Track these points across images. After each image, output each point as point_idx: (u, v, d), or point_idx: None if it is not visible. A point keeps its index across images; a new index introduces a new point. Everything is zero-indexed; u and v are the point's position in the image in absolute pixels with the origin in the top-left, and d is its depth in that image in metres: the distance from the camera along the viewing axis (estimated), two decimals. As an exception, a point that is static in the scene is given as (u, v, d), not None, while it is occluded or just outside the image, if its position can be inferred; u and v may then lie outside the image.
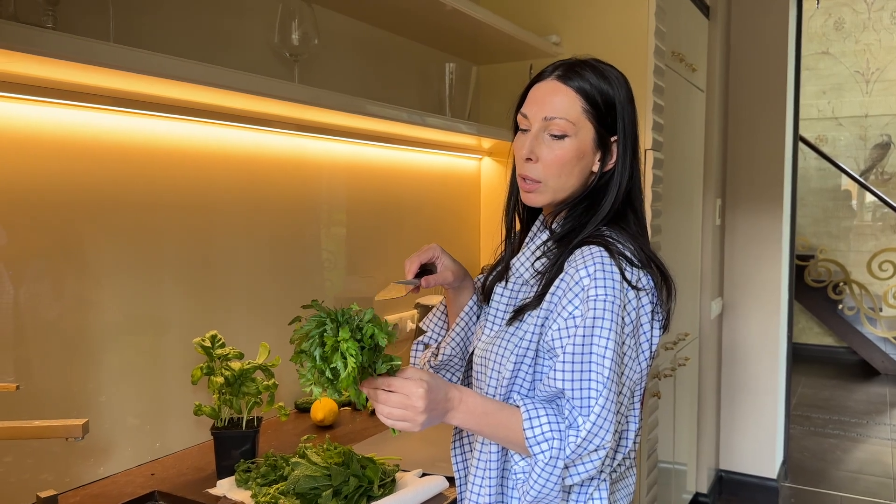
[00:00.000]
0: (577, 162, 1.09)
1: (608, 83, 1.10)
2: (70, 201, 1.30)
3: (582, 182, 1.11)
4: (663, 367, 2.61)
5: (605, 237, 1.07)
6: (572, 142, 1.08)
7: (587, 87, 1.08)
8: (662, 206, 2.43)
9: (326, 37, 1.83)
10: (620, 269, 1.02)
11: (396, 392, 0.94)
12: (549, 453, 0.97)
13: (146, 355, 1.46)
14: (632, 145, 1.12)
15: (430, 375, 0.97)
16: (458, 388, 1.01)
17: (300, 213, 1.84)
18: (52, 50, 0.98)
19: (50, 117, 1.27)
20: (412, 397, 0.93)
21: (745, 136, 3.44)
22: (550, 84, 1.10)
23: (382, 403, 0.95)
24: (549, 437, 0.97)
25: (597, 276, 1.00)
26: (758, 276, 3.44)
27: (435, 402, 0.96)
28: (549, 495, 1.00)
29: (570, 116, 1.08)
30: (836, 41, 6.76)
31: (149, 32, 1.41)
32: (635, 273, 1.04)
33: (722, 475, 3.55)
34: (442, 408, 0.98)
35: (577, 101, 1.08)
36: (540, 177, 1.10)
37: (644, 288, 1.05)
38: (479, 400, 1.02)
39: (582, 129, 1.08)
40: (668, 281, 1.11)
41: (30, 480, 1.25)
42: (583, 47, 2.32)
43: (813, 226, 6.87)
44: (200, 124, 1.55)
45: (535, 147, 1.09)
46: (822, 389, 5.66)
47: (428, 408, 0.94)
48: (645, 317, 1.05)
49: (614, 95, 1.10)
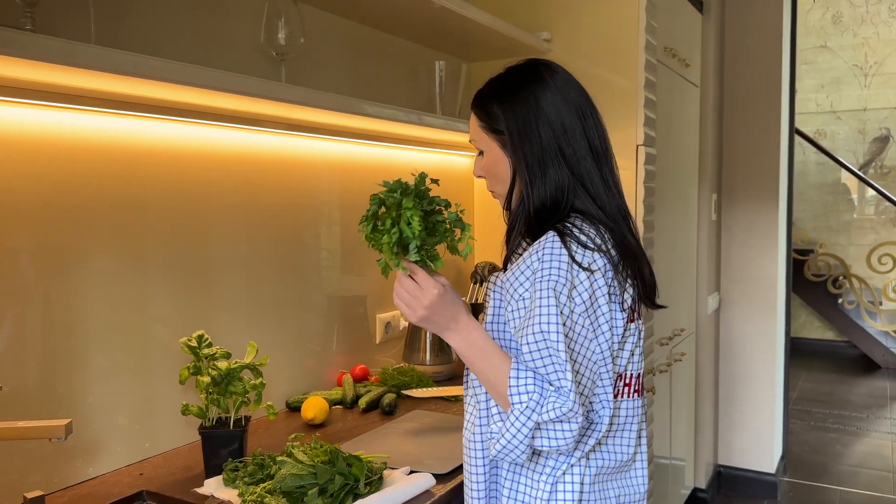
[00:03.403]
0: (496, 169, 1.22)
1: (497, 92, 1.21)
2: (56, 202, 1.31)
3: (509, 182, 1.21)
4: (658, 362, 2.60)
5: (565, 223, 1.13)
6: (488, 154, 1.23)
7: (479, 107, 1.23)
8: (656, 202, 2.43)
9: (313, 35, 1.83)
10: (569, 250, 1.07)
11: (416, 280, 1.08)
12: (525, 405, 1.02)
13: (134, 355, 1.46)
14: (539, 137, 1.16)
15: (451, 289, 1.10)
16: (469, 317, 1.12)
17: (291, 212, 1.84)
18: (31, 52, 0.98)
19: (34, 119, 1.27)
20: (423, 292, 1.08)
21: (741, 130, 3.43)
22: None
23: (399, 283, 1.10)
24: (531, 390, 1.02)
25: (544, 258, 1.07)
26: (755, 270, 3.43)
27: (440, 308, 1.08)
28: (516, 450, 1.04)
29: (475, 135, 1.25)
30: (835, 35, 6.74)
31: (132, 33, 1.41)
32: (588, 255, 1.09)
33: (720, 470, 3.55)
34: (444, 321, 1.10)
35: (475, 121, 1.24)
36: (489, 187, 1.27)
37: (599, 269, 1.09)
38: (482, 336, 1.11)
39: (487, 143, 1.22)
40: (630, 262, 1.15)
41: (17, 481, 1.25)
42: (573, 44, 2.32)
43: (812, 220, 6.85)
44: (188, 124, 1.55)
45: (476, 167, 1.28)
46: (823, 384, 5.66)
47: (430, 308, 1.08)
48: (602, 298, 1.09)
49: (499, 103, 1.19)
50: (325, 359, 1.97)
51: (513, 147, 1.18)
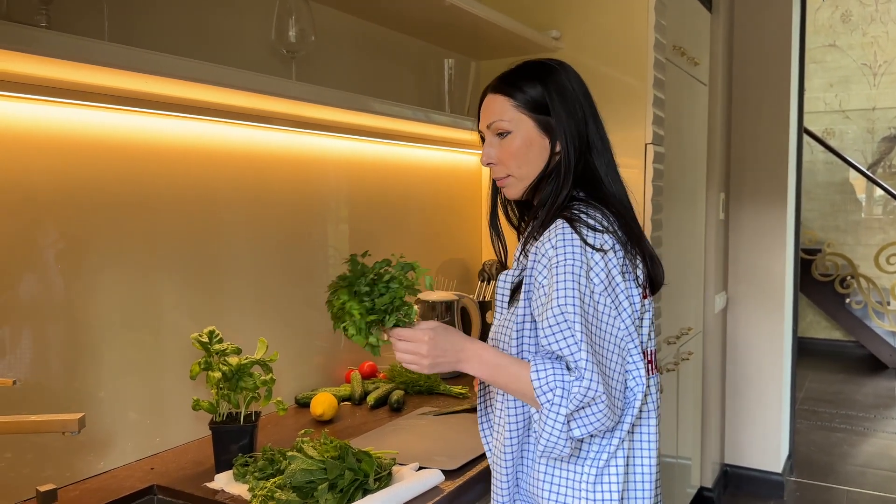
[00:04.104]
0: (527, 150, 1.23)
1: (531, 76, 1.23)
2: (69, 199, 1.32)
3: (542, 164, 1.24)
4: (665, 361, 2.60)
5: (571, 209, 1.17)
6: (516, 135, 1.23)
7: (511, 87, 1.23)
8: (664, 201, 2.43)
9: (323, 33, 1.83)
10: (581, 235, 1.11)
11: (406, 340, 1.12)
12: (551, 401, 1.06)
13: (146, 351, 1.47)
14: (576, 121, 1.22)
15: (440, 328, 1.13)
16: (471, 342, 1.15)
17: (301, 208, 1.85)
18: (46, 49, 0.99)
19: (48, 116, 1.28)
20: (418, 345, 1.11)
21: (749, 129, 3.43)
22: (486, 98, 1.27)
23: (395, 349, 1.14)
24: (553, 385, 1.06)
25: (558, 245, 1.11)
26: (762, 270, 3.43)
27: (441, 350, 1.12)
28: (558, 444, 1.08)
29: (505, 116, 1.23)
30: (844, 34, 6.71)
31: (144, 30, 1.42)
32: (599, 237, 1.13)
33: (727, 469, 3.54)
34: (452, 356, 1.13)
35: (507, 101, 1.23)
36: (504, 171, 1.26)
37: (611, 248, 1.13)
38: (493, 353, 1.14)
39: (521, 123, 1.22)
40: (637, 244, 1.20)
41: (30, 475, 1.26)
42: (582, 42, 2.32)
43: (820, 220, 6.83)
44: (198, 122, 1.56)
45: (490, 152, 1.26)
46: (830, 384, 5.64)
47: (432, 354, 1.11)
48: (618, 276, 1.14)
49: (541, 84, 1.22)
50: (334, 356, 1.98)
51: (560, 125, 1.21)
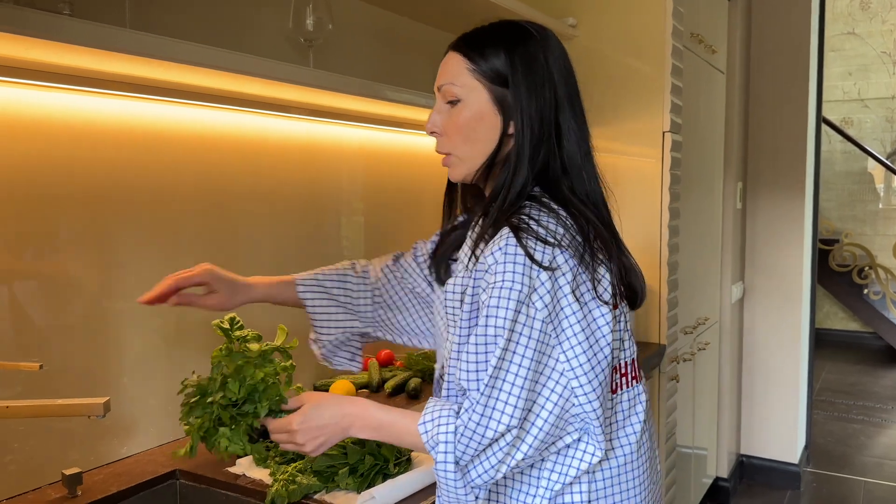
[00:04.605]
0: (476, 125, 1.03)
1: (498, 40, 1.03)
2: (90, 186, 1.33)
3: (490, 147, 1.04)
4: (682, 351, 2.60)
5: (521, 212, 0.98)
6: (466, 105, 1.03)
7: (472, 49, 1.04)
8: (681, 190, 2.42)
9: (340, 22, 1.84)
10: (526, 249, 0.92)
11: (278, 431, 1.04)
12: (443, 455, 0.92)
13: (168, 337, 1.49)
14: (540, 102, 1.01)
15: (311, 407, 1.02)
16: (351, 404, 1.03)
17: (318, 197, 1.86)
18: (71, 36, 1.00)
19: (69, 104, 1.29)
20: (291, 435, 1.02)
21: (767, 118, 3.40)
22: (446, 56, 1.08)
23: (276, 440, 1.06)
24: (444, 439, 0.92)
25: (499, 261, 0.93)
26: (779, 260, 3.40)
27: (317, 429, 1.01)
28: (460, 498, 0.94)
29: (458, 80, 1.04)
30: (863, 21, 6.62)
31: (162, 19, 1.43)
32: (548, 251, 0.94)
33: (743, 460, 3.53)
34: (334, 430, 1.02)
35: (463, 64, 1.03)
36: (447, 146, 1.07)
37: (560, 266, 0.94)
38: (379, 410, 1.02)
39: (474, 92, 1.03)
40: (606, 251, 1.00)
41: (56, 459, 1.28)
42: (599, 30, 2.30)
43: (838, 209, 6.76)
44: (217, 110, 1.57)
45: (435, 119, 1.07)
46: (847, 375, 5.60)
47: (308, 439, 1.01)
48: (565, 298, 0.94)
49: (506, 51, 1.02)
50: (351, 343, 1.98)
51: (517, 103, 1.01)
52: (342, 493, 1.21)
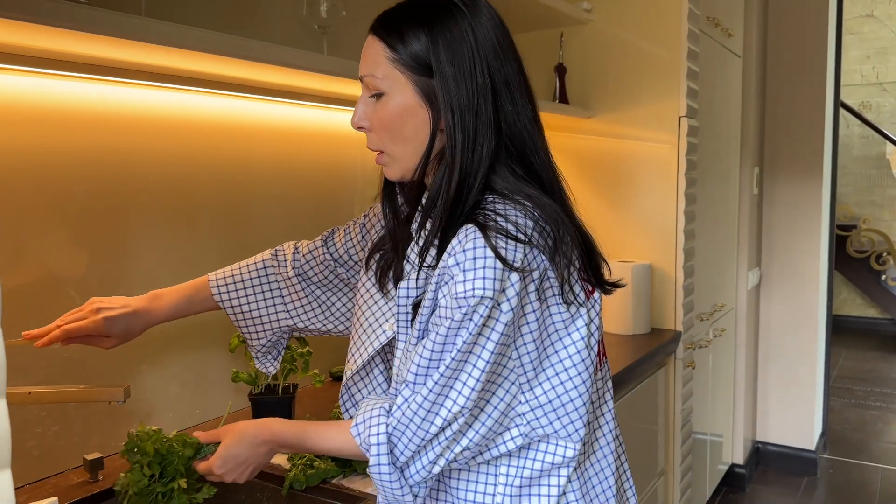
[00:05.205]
0: (403, 121, 0.93)
1: (419, 19, 0.91)
2: (107, 175, 1.34)
3: (423, 144, 0.94)
4: (698, 337, 2.59)
5: (486, 208, 0.90)
6: (390, 99, 0.93)
7: (391, 32, 0.92)
8: (698, 175, 2.40)
9: (354, 8, 1.83)
10: (496, 252, 0.84)
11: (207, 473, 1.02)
12: (375, 457, 0.89)
13: (186, 324, 1.49)
14: (469, 89, 0.90)
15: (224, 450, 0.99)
16: (269, 429, 0.99)
17: (334, 186, 1.86)
18: (87, 25, 1.00)
19: (85, 93, 1.30)
20: (218, 476, 1.00)
21: (784, 102, 3.36)
22: (367, 39, 0.96)
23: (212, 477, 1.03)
24: (377, 441, 0.89)
25: (466, 266, 0.85)
26: (796, 245, 3.37)
27: (240, 465, 0.99)
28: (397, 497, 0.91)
29: (378, 71, 0.93)
30: (882, 3, 6.52)
31: (177, 7, 1.43)
32: (520, 249, 0.86)
33: (759, 446, 3.52)
34: (256, 458, 0.99)
35: (382, 51, 0.92)
36: (377, 144, 0.97)
37: (529, 264, 0.88)
38: (289, 428, 0.99)
39: (397, 84, 0.92)
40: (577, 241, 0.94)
41: (78, 444, 1.30)
42: (615, 13, 2.28)
43: (856, 195, 6.69)
44: (233, 98, 1.57)
45: (360, 112, 0.96)
46: (864, 361, 5.56)
47: (236, 473, 0.99)
48: (527, 297, 0.88)
49: (427, 32, 0.90)
50: (367, 330, 1.99)
51: (445, 94, 0.90)
52: (359, 477, 1.22)
